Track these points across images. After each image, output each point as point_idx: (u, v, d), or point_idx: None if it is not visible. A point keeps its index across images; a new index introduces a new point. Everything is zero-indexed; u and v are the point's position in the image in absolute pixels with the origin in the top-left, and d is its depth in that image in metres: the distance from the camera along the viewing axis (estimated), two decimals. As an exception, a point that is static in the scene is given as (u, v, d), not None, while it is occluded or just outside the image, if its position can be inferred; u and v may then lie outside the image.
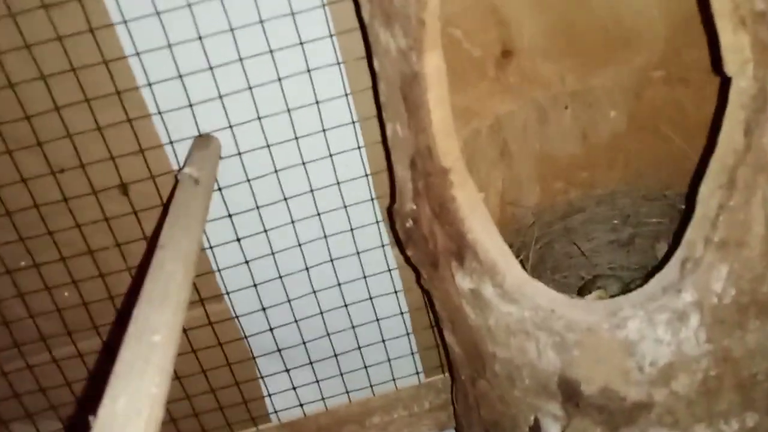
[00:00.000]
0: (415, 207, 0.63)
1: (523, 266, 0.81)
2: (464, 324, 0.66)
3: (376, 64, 0.62)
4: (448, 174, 0.57)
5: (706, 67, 0.74)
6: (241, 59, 0.77)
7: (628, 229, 0.85)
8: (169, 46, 0.75)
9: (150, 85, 0.77)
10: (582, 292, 0.82)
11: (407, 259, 0.71)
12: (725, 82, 0.49)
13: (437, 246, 0.63)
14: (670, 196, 0.81)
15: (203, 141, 0.80)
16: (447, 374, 1.02)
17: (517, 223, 0.85)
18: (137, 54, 0.75)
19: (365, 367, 0.99)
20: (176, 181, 0.72)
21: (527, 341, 0.60)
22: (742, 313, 0.54)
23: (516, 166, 0.84)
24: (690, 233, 0.53)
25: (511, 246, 0.84)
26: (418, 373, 1.02)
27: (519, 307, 0.58)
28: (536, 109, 0.82)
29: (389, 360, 0.99)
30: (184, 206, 0.64)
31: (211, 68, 0.77)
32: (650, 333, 0.54)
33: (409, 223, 0.65)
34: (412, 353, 1.00)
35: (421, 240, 0.65)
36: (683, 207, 0.81)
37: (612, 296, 0.77)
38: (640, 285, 0.79)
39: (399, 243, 0.71)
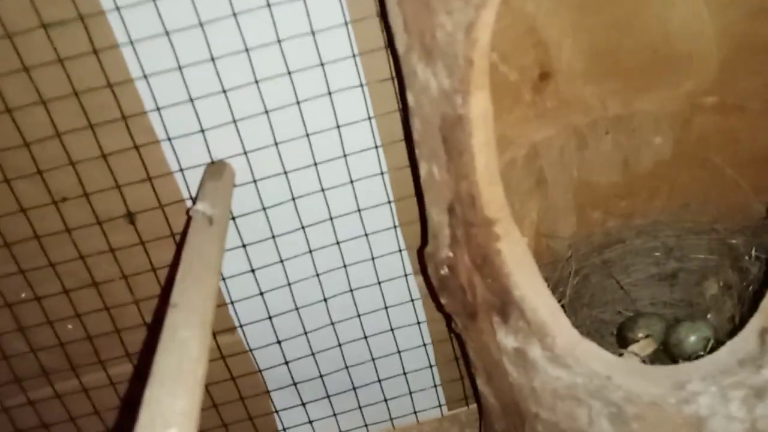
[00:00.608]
0: (452, 255, 0.57)
1: (560, 302, 0.75)
2: (503, 379, 0.61)
3: (410, 99, 0.56)
4: (493, 226, 0.52)
5: (765, 95, 0.68)
6: (257, 81, 0.71)
7: (672, 263, 0.79)
8: (180, 68, 0.69)
9: (159, 109, 0.71)
10: (622, 331, 0.77)
11: (439, 307, 0.66)
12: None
13: (476, 298, 0.57)
14: (720, 230, 0.75)
15: (216, 169, 0.74)
16: (471, 406, 0.97)
17: (553, 256, 0.79)
18: (145, 77, 0.69)
19: (385, 400, 0.94)
20: (188, 216, 0.67)
21: (578, 407, 0.54)
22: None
23: (552, 196, 0.78)
24: (770, 299, 0.47)
25: (546, 280, 0.79)
26: (440, 405, 0.96)
27: (570, 373, 0.53)
28: (575, 134, 0.76)
29: (410, 393, 0.94)
30: (198, 252, 0.58)
31: (224, 91, 0.71)
32: (722, 409, 0.48)
33: (445, 271, 0.59)
34: (435, 386, 0.94)
35: (458, 290, 0.59)
36: (734, 242, 0.75)
37: (654, 342, 0.72)
38: (685, 321, 0.74)
39: (430, 288, 0.65)
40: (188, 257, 0.57)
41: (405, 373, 0.92)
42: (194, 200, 0.75)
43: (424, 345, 0.91)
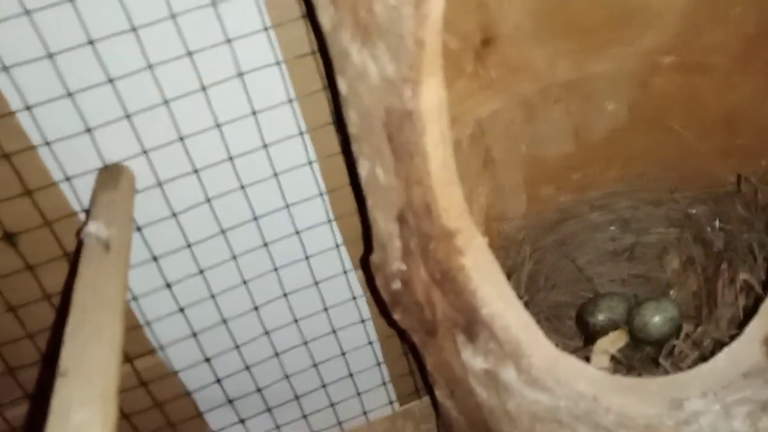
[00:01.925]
0: (405, 268, 0.49)
1: (517, 293, 0.69)
2: (469, 398, 0.53)
3: (342, 86, 0.46)
4: (454, 238, 0.43)
5: (731, 51, 0.61)
6: (150, 66, 0.59)
7: (629, 237, 0.74)
8: (50, 55, 0.55)
9: (29, 108, 0.57)
10: (583, 315, 0.71)
11: (391, 322, 0.57)
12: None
13: (436, 315, 0.49)
14: (680, 200, 0.70)
15: (110, 175, 0.62)
16: (423, 398, 0.91)
17: (505, 240, 0.72)
18: (5, 68, 0.55)
19: (332, 404, 0.86)
20: (79, 239, 0.55)
21: (560, 430, 0.47)
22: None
23: (500, 175, 0.70)
24: (775, 302, 0.41)
25: (500, 268, 0.72)
26: (391, 402, 0.89)
27: (551, 396, 0.46)
28: (522, 105, 0.68)
29: (359, 393, 0.87)
30: (92, 290, 0.47)
31: (111, 80, 0.58)
32: (724, 426, 0.43)
33: (397, 285, 0.50)
34: (384, 383, 0.87)
35: (414, 306, 0.51)
36: (695, 212, 0.70)
37: (625, 334, 0.66)
38: (649, 301, 0.69)
39: (379, 302, 0.57)
40: (80, 299, 0.46)
41: (351, 375, 0.85)
42: (88, 213, 0.62)
43: (370, 343, 0.83)
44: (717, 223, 0.67)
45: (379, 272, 0.52)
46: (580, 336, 0.73)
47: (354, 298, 0.78)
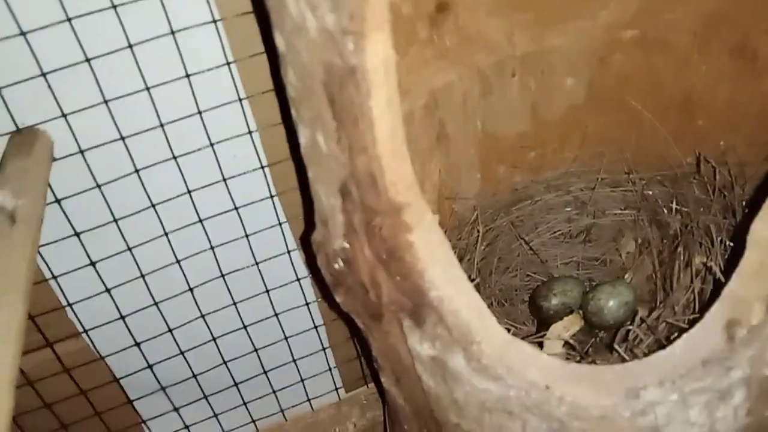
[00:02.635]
0: (347, 246, 0.45)
1: (469, 275, 0.66)
2: (415, 385, 0.50)
3: (279, 42, 0.41)
4: (402, 213, 0.39)
5: (691, 28, 0.59)
6: (69, 19, 0.52)
7: (585, 219, 0.71)
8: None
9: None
10: (536, 300, 0.69)
11: (333, 304, 0.53)
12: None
13: (381, 298, 0.45)
14: (636, 181, 0.68)
15: (24, 140, 0.55)
16: (370, 385, 0.87)
17: (457, 220, 0.69)
18: None
19: (274, 391, 0.82)
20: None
21: (510, 421, 0.45)
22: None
23: (454, 152, 0.67)
24: (739, 286, 0.39)
25: (452, 249, 0.69)
26: (337, 389, 0.86)
27: (501, 385, 0.43)
28: (478, 78, 0.64)
29: (302, 380, 0.83)
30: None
31: (23, 33, 0.52)
32: (680, 416, 0.41)
33: (339, 265, 0.46)
34: (330, 369, 0.83)
35: (358, 287, 0.47)
36: (652, 193, 0.68)
37: (579, 318, 0.64)
38: (603, 284, 0.67)
39: (321, 283, 0.53)
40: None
41: (294, 360, 0.80)
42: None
43: (315, 327, 0.79)
44: (674, 205, 0.65)
45: (320, 251, 0.48)
46: (534, 321, 0.70)
47: (298, 279, 0.74)
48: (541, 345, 0.62)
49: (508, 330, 0.62)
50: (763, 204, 0.38)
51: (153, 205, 0.64)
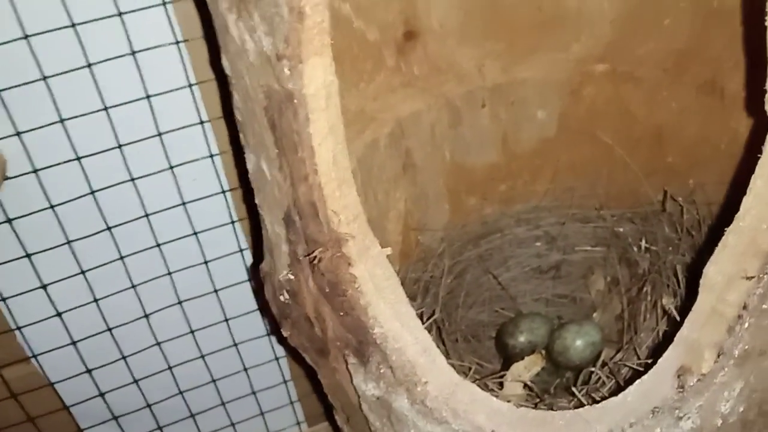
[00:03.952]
0: (292, 278, 0.43)
1: (432, 310, 0.64)
2: (364, 426, 0.48)
3: (224, 63, 0.39)
4: (344, 246, 0.37)
5: (662, 64, 0.58)
6: (27, 36, 0.51)
7: (555, 255, 0.70)
8: None
9: None
10: (502, 336, 0.66)
11: (280, 339, 0.51)
12: (762, 123, 0.33)
13: (327, 333, 0.43)
14: (607, 217, 0.66)
15: (-28, 156, 0.54)
16: (335, 419, 0.84)
17: (423, 252, 0.67)
18: None
19: (232, 424, 0.79)
20: None
21: (458, 467, 0.42)
22: (747, 429, 0.39)
23: (421, 182, 0.65)
24: (691, 332, 0.37)
25: (417, 281, 0.67)
26: (299, 423, 0.83)
27: (447, 429, 0.40)
28: (447, 107, 0.63)
29: (262, 413, 0.80)
30: None
31: (-26, 48, 0.50)
32: (632, 467, 0.38)
33: (285, 297, 0.44)
34: (291, 402, 0.81)
35: (303, 321, 0.45)
36: (622, 230, 0.66)
37: (541, 358, 0.62)
38: (571, 323, 0.65)
39: (270, 315, 0.51)
40: None
41: (254, 392, 0.78)
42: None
43: (277, 359, 0.76)
44: (643, 243, 0.63)
45: (267, 281, 0.46)
46: (499, 358, 0.68)
47: (259, 308, 0.72)
48: (502, 385, 0.60)
49: (470, 368, 0.60)
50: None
51: (109, 228, 0.62)
